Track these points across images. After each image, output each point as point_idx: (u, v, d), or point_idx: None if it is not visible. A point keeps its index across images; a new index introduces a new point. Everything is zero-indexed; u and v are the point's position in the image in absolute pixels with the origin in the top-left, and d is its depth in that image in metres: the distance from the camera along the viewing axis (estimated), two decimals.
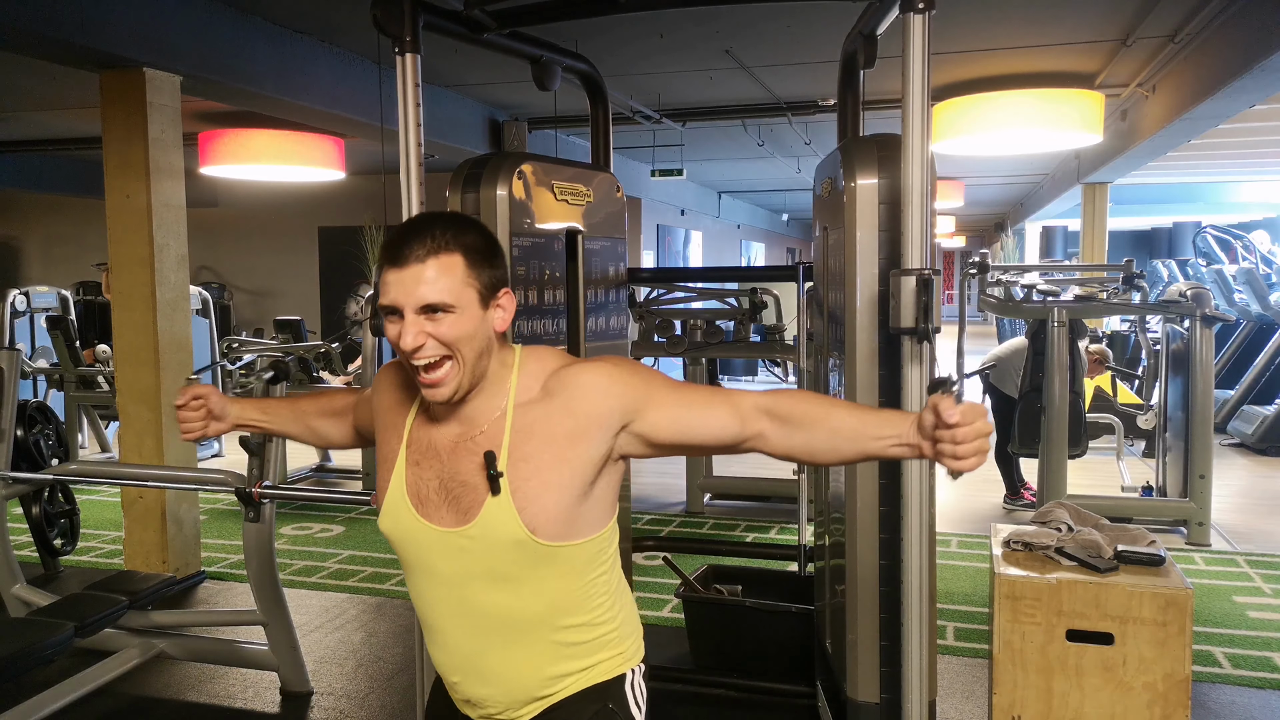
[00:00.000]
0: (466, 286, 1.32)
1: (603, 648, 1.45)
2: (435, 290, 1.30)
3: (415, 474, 1.41)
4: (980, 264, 5.71)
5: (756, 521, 5.92)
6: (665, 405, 1.40)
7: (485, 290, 1.34)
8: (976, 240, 25.26)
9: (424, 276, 1.29)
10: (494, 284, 1.36)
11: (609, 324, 3.40)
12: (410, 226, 1.34)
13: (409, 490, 1.41)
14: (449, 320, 1.31)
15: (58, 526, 5.14)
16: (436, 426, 1.42)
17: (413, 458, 1.42)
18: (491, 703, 1.44)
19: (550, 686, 1.42)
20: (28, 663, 2.96)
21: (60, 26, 4.13)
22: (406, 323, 1.31)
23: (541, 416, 1.37)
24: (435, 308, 1.30)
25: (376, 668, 3.84)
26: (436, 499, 1.39)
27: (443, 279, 1.30)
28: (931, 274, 2.07)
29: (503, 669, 1.42)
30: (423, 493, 1.40)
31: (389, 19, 2.38)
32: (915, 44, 2.04)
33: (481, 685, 1.43)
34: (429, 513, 1.40)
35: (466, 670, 1.44)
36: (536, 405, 1.38)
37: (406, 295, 1.30)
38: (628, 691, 1.47)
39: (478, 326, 1.34)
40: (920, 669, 2.22)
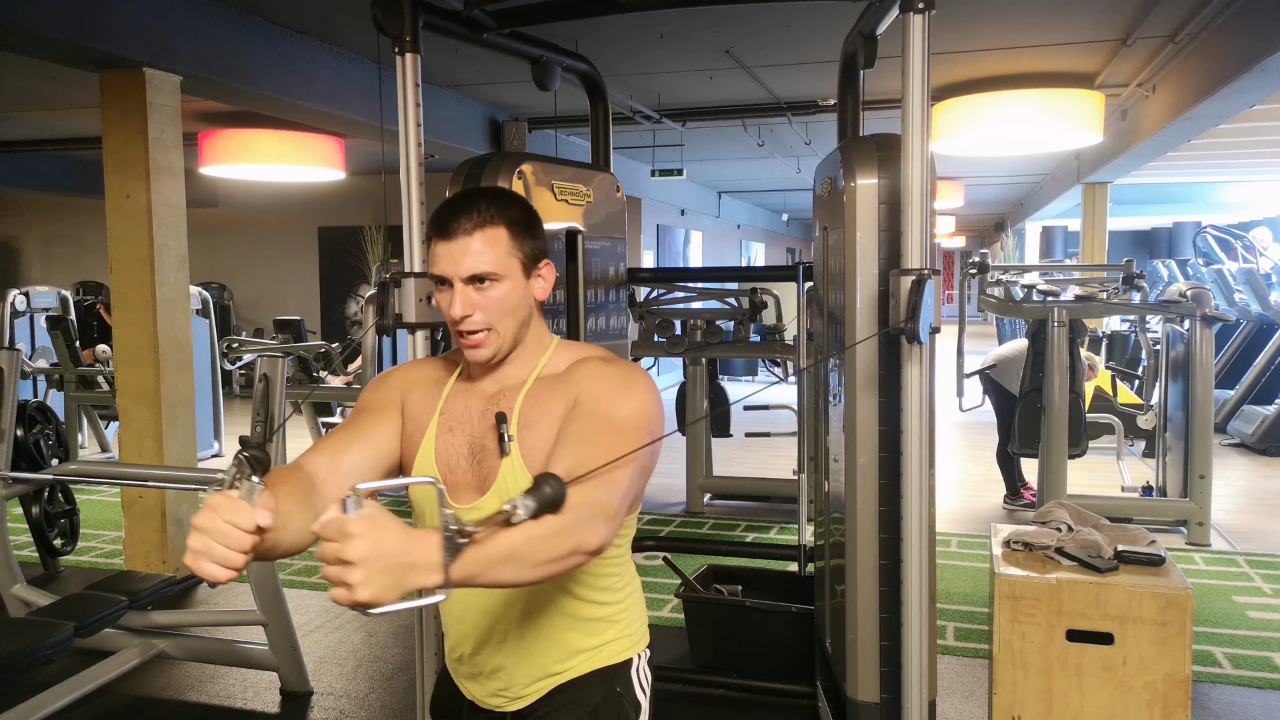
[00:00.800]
0: (510, 257, 1.39)
1: (612, 625, 1.49)
2: (482, 261, 1.37)
3: (445, 441, 1.45)
4: (980, 264, 5.71)
5: (756, 521, 5.92)
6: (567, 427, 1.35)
7: (528, 260, 1.42)
8: (976, 240, 25.26)
9: (471, 248, 1.37)
10: (535, 254, 1.43)
11: (609, 324, 3.40)
12: (457, 201, 1.40)
13: (438, 459, 1.45)
14: (495, 289, 1.38)
15: (58, 526, 5.13)
16: (473, 390, 1.47)
17: (445, 424, 1.46)
18: (505, 674, 1.46)
19: (562, 662, 1.45)
20: (28, 663, 2.96)
21: (60, 26, 4.13)
22: (456, 292, 1.38)
23: (551, 390, 1.42)
24: (482, 277, 1.37)
25: (376, 668, 3.84)
26: (465, 465, 1.43)
27: (488, 250, 1.37)
28: (930, 274, 2.07)
29: (519, 638, 1.45)
30: (451, 459, 1.44)
31: (389, 19, 2.38)
32: (915, 44, 2.04)
33: (496, 654, 1.46)
34: (455, 482, 1.44)
35: (481, 638, 1.46)
36: (554, 380, 1.44)
37: (455, 266, 1.37)
38: (634, 676, 1.51)
39: (522, 295, 1.42)
40: (920, 669, 2.22)
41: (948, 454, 7.94)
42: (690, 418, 6.11)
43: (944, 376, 4.88)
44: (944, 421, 8.51)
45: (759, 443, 6.77)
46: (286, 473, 1.29)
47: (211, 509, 1.06)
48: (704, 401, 6.10)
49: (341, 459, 1.39)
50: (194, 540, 1.05)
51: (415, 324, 2.40)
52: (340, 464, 1.38)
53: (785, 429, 5.94)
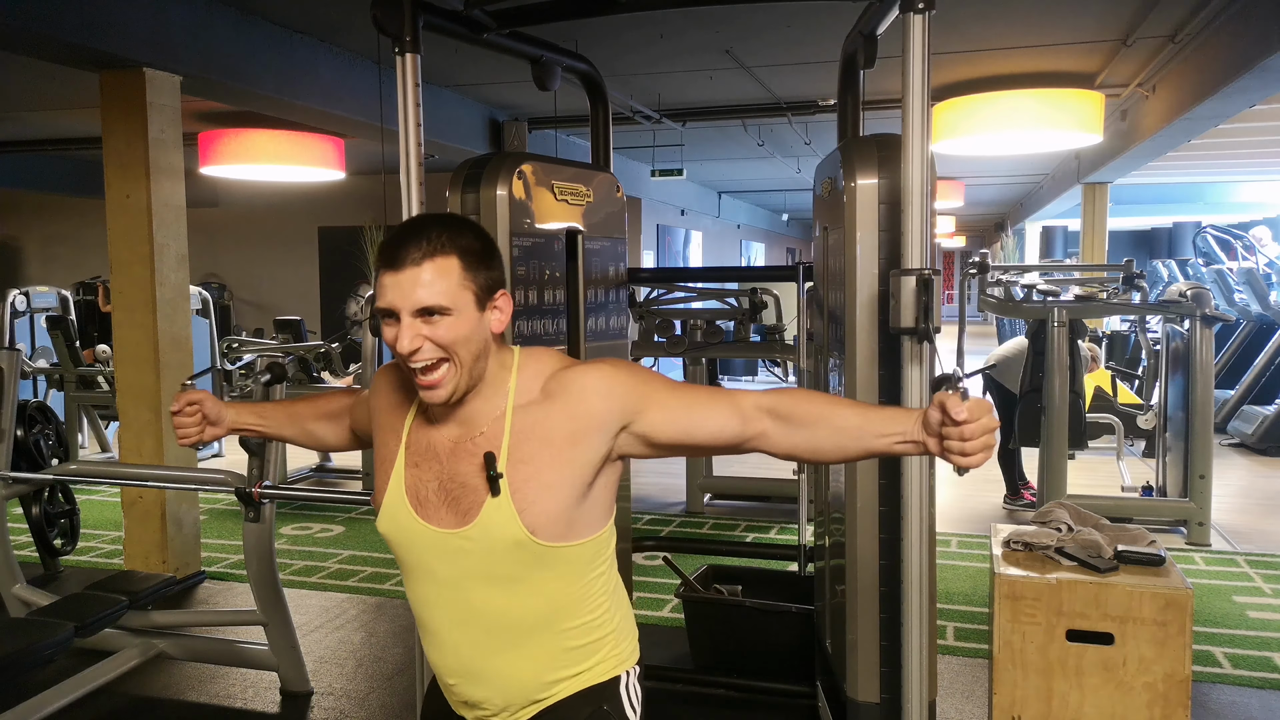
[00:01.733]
0: (463, 289, 1.32)
1: (599, 649, 1.45)
2: (431, 293, 1.29)
3: (414, 475, 1.41)
4: (980, 264, 5.71)
5: (756, 521, 5.92)
6: (665, 406, 1.40)
7: (482, 292, 1.34)
8: (976, 240, 25.26)
9: (420, 279, 1.29)
10: (490, 286, 1.36)
11: (609, 324, 3.40)
12: (406, 229, 1.34)
13: (408, 492, 1.41)
14: (445, 323, 1.30)
15: (58, 526, 5.13)
16: (435, 428, 1.42)
17: (412, 459, 1.42)
18: (489, 705, 1.44)
19: (547, 690, 1.42)
20: (28, 663, 2.96)
21: (60, 26, 4.13)
22: (403, 325, 1.30)
23: (541, 418, 1.37)
24: (431, 310, 1.30)
25: (376, 668, 3.84)
26: (436, 500, 1.39)
27: (439, 282, 1.30)
28: (931, 274, 2.07)
29: (501, 671, 1.42)
30: (422, 494, 1.40)
31: (389, 19, 2.38)
32: (915, 44, 2.04)
33: (479, 687, 1.43)
34: (428, 514, 1.39)
35: (464, 672, 1.44)
36: (536, 407, 1.38)
37: (403, 298, 1.30)
38: (623, 693, 1.47)
39: (474, 329, 1.33)
40: (920, 669, 2.22)
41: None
42: None
43: None
44: None
45: None
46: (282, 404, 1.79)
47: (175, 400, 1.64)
48: None
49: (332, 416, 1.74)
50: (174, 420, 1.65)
51: None
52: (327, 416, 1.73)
53: None
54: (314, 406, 1.76)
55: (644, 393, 1.40)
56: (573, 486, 1.36)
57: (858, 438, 1.38)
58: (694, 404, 1.42)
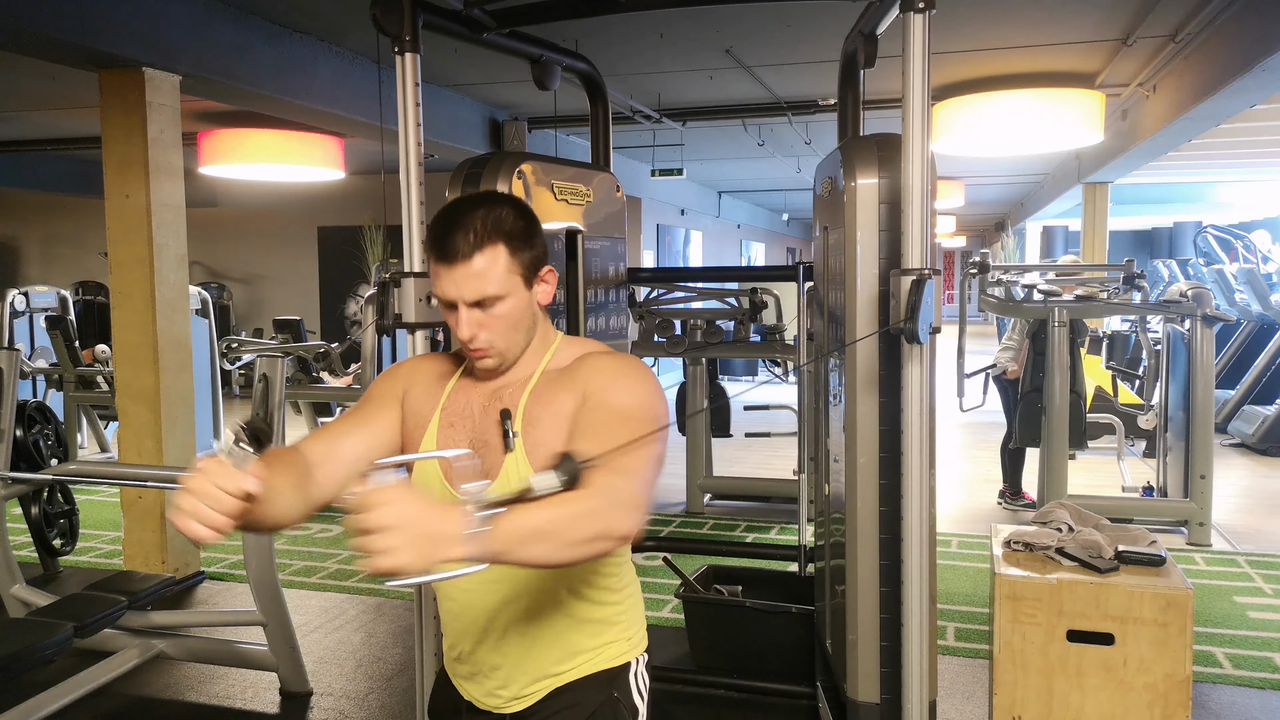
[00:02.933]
0: (511, 274, 1.39)
1: (611, 627, 1.49)
2: (484, 284, 1.37)
3: (447, 436, 1.45)
4: (981, 264, 5.71)
5: (756, 521, 5.92)
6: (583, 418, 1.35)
7: (528, 271, 1.42)
8: (977, 240, 25.26)
9: (472, 271, 1.37)
10: (536, 263, 1.44)
11: (609, 324, 3.40)
12: (451, 216, 1.39)
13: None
14: (500, 307, 1.39)
15: (57, 526, 5.13)
16: (475, 388, 1.48)
17: (446, 420, 1.47)
18: (501, 673, 1.46)
19: (560, 663, 1.45)
20: (28, 663, 2.96)
21: (60, 26, 4.13)
22: (461, 315, 1.39)
23: (556, 387, 1.42)
24: (486, 299, 1.38)
25: (376, 668, 3.84)
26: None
27: (490, 271, 1.37)
28: (931, 274, 2.07)
29: (518, 632, 1.44)
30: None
31: (388, 18, 2.38)
32: (915, 44, 2.04)
33: (494, 652, 1.45)
34: (457, 485, 1.43)
35: (480, 636, 1.46)
36: (558, 376, 1.44)
37: (459, 290, 1.38)
38: (632, 681, 1.50)
39: (526, 307, 1.42)
40: (921, 669, 2.22)
41: (948, 454, 7.93)
42: (691, 418, 6.11)
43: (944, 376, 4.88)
44: (944, 421, 8.49)
45: (759, 443, 6.76)
46: (283, 453, 1.37)
47: (202, 471, 1.10)
48: (704, 401, 6.10)
49: (339, 445, 1.43)
50: (182, 500, 1.08)
51: (415, 324, 2.40)
52: (336, 450, 1.43)
53: (785, 429, 5.94)
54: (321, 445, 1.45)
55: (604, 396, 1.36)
56: None
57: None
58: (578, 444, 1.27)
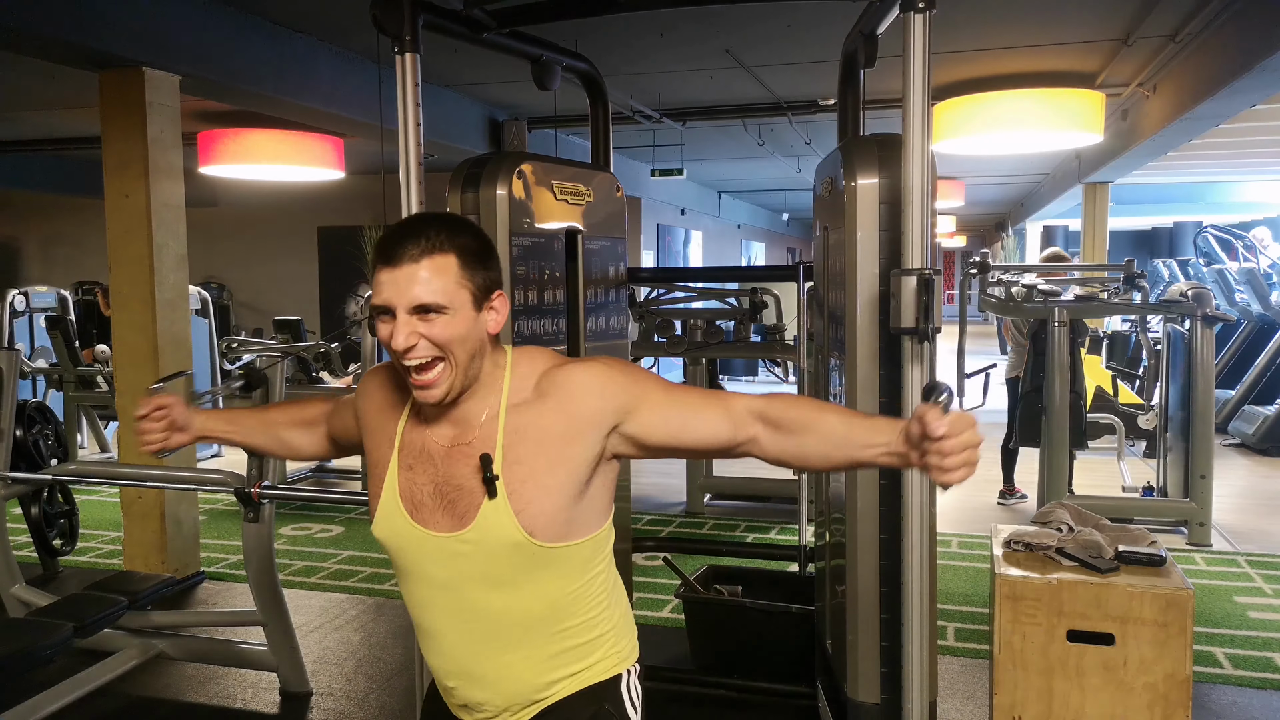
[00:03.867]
0: (460, 288, 1.31)
1: (599, 647, 1.44)
2: (429, 290, 1.28)
3: (408, 478, 1.40)
4: (981, 264, 5.71)
5: (756, 521, 5.91)
6: (657, 406, 1.39)
7: (479, 292, 1.33)
8: (977, 240, 25.25)
9: (417, 276, 1.28)
10: (487, 286, 1.35)
11: (609, 324, 3.40)
12: (405, 226, 1.33)
13: (402, 495, 1.40)
14: (442, 321, 1.29)
15: (57, 527, 5.13)
16: (429, 430, 1.40)
17: (405, 462, 1.41)
18: (489, 706, 1.43)
19: (547, 689, 1.42)
20: (28, 663, 2.96)
21: (60, 26, 4.12)
22: (399, 323, 1.29)
23: (534, 418, 1.36)
24: (428, 308, 1.29)
25: (376, 668, 3.84)
26: (431, 504, 1.38)
27: (436, 279, 1.29)
28: (932, 274, 2.07)
29: (500, 672, 1.41)
30: (417, 498, 1.39)
31: (389, 18, 2.38)
32: (915, 44, 2.04)
33: (479, 689, 1.42)
34: (424, 518, 1.38)
35: (463, 674, 1.43)
36: (529, 406, 1.37)
37: (399, 295, 1.29)
38: (624, 692, 1.46)
39: (470, 328, 1.32)
40: (921, 669, 2.22)
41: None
42: None
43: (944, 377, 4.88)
44: None
45: None
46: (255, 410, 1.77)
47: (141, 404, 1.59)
48: None
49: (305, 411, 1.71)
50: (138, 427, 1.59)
51: None
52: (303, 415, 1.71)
53: None
54: (289, 413, 1.71)
55: (637, 393, 1.39)
56: (569, 486, 1.35)
57: (843, 447, 1.36)
58: (686, 407, 1.41)
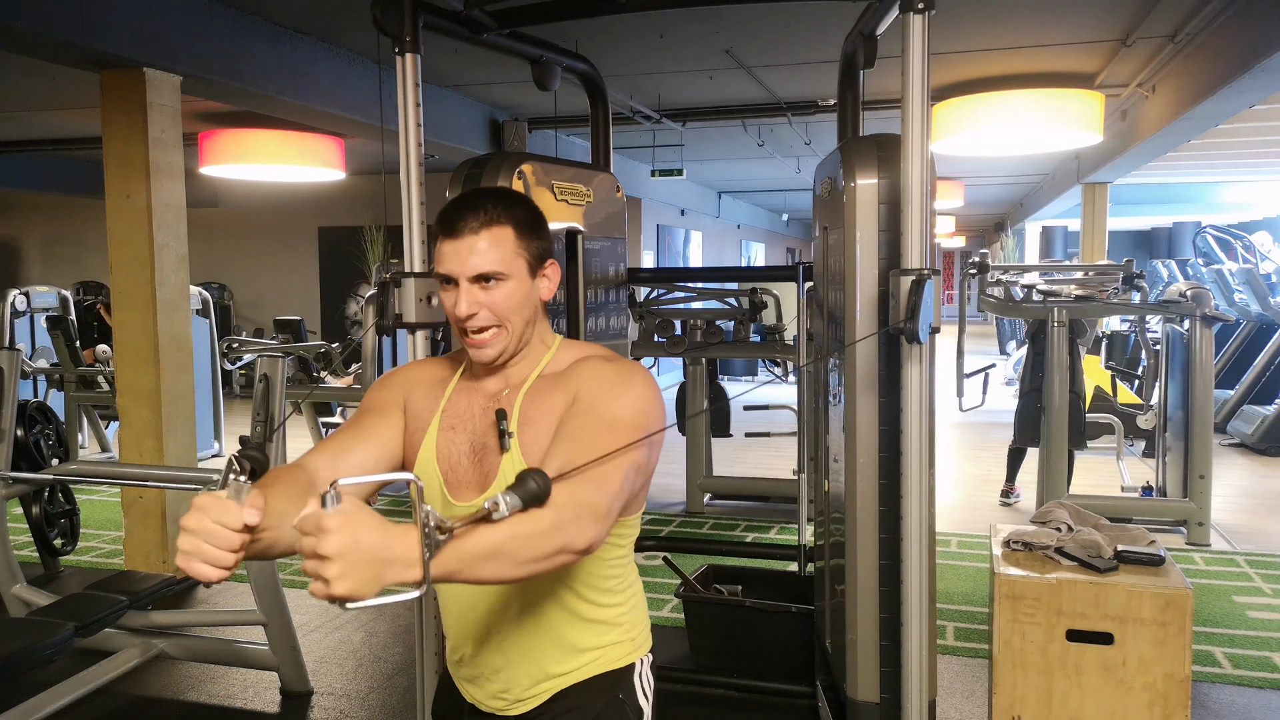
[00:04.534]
0: (517, 256, 1.39)
1: (614, 628, 1.47)
2: (488, 260, 1.36)
3: (448, 439, 1.45)
4: (980, 264, 5.71)
5: (756, 521, 5.92)
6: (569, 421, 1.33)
7: (534, 260, 1.41)
8: (976, 240, 25.25)
9: (477, 247, 1.36)
10: (541, 255, 1.43)
11: (609, 324, 3.40)
12: (463, 199, 1.40)
13: (439, 458, 1.44)
14: (502, 289, 1.38)
15: (58, 526, 5.13)
16: (476, 388, 1.47)
17: (447, 423, 1.46)
18: (504, 675, 1.45)
19: (562, 663, 1.44)
20: (28, 663, 2.96)
21: (60, 26, 4.13)
22: (461, 290, 1.37)
23: (549, 387, 1.42)
24: (488, 276, 1.37)
25: (376, 668, 3.84)
26: (467, 463, 1.43)
27: (494, 250, 1.37)
28: (930, 274, 2.07)
29: (518, 633, 1.43)
30: (453, 457, 1.44)
31: (389, 19, 2.38)
32: (915, 44, 2.04)
33: (496, 653, 1.45)
34: (456, 480, 1.43)
35: (481, 637, 1.45)
36: (552, 378, 1.43)
37: (461, 265, 1.36)
38: (636, 682, 1.49)
39: (527, 295, 1.41)
40: (920, 669, 2.22)
41: (948, 454, 7.94)
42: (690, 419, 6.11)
43: (944, 376, 4.88)
44: (944, 421, 8.50)
45: (759, 443, 6.76)
46: (286, 472, 1.30)
47: (199, 509, 1.06)
48: (704, 401, 6.10)
49: (343, 459, 1.39)
50: (184, 541, 1.06)
51: (415, 324, 2.40)
52: (341, 464, 1.37)
53: (785, 429, 5.94)
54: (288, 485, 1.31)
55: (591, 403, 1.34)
56: None
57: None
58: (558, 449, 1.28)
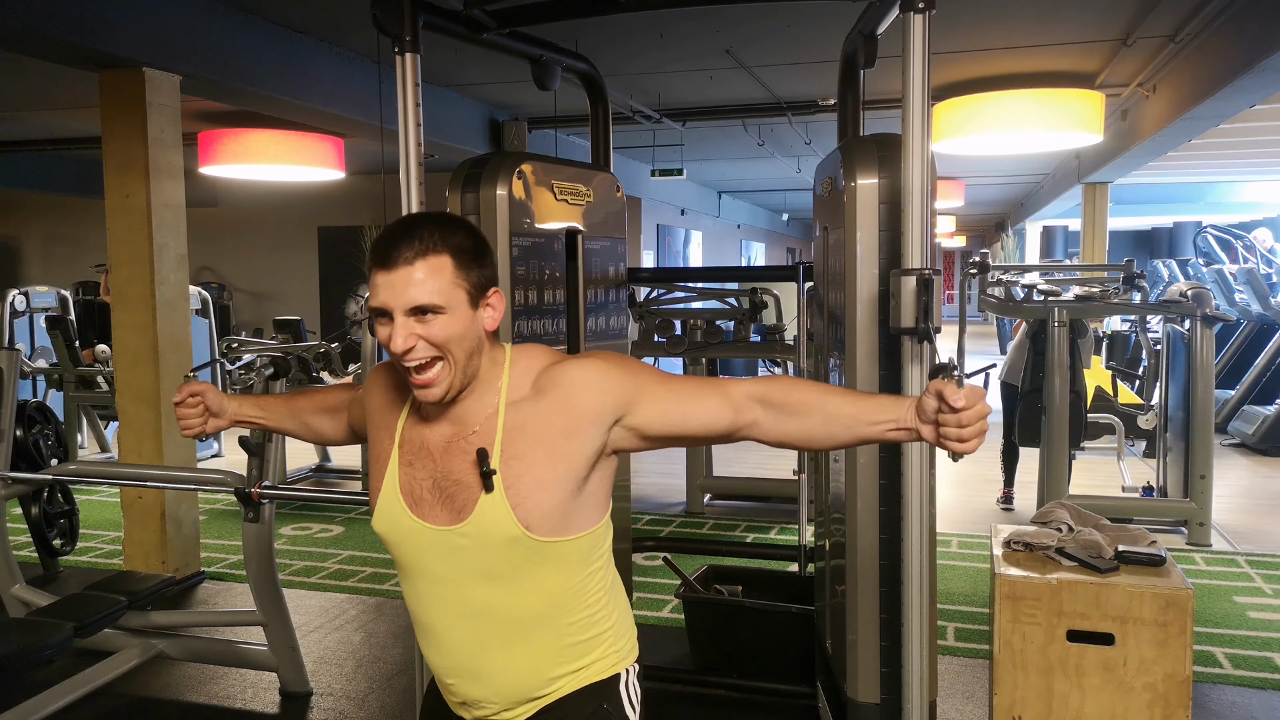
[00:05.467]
0: (455, 287, 1.32)
1: (598, 645, 1.45)
2: (424, 292, 1.30)
3: (408, 474, 1.41)
4: (980, 264, 5.71)
5: (756, 521, 5.91)
6: (657, 398, 1.40)
7: (474, 290, 1.34)
8: (977, 240, 25.26)
9: (413, 278, 1.29)
10: (483, 284, 1.36)
11: (609, 324, 3.40)
12: (398, 228, 1.35)
13: (403, 490, 1.41)
14: (439, 321, 1.31)
15: (57, 526, 5.13)
16: (429, 426, 1.42)
17: (405, 458, 1.42)
18: (488, 704, 1.43)
19: (546, 687, 1.42)
20: (28, 663, 2.96)
21: (60, 26, 4.13)
22: (396, 325, 1.31)
23: (533, 414, 1.37)
24: (425, 309, 1.30)
25: (376, 668, 3.84)
26: (430, 498, 1.39)
27: (431, 280, 1.30)
28: (932, 274, 2.07)
29: (500, 669, 1.41)
30: (416, 492, 1.40)
31: (389, 19, 2.38)
32: (915, 44, 2.04)
33: (478, 686, 1.43)
34: (424, 512, 1.39)
35: (463, 671, 1.43)
36: (528, 403, 1.38)
37: (395, 297, 1.30)
38: (622, 691, 1.47)
39: (468, 327, 1.34)
40: (920, 669, 2.22)
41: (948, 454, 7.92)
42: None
43: None
44: None
45: None
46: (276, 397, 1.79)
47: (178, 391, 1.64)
48: None
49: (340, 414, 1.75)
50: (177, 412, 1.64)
51: None
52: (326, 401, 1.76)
53: None
54: (314, 400, 1.78)
55: (635, 385, 1.40)
56: (567, 481, 1.36)
57: (849, 425, 1.39)
58: (685, 395, 1.42)
